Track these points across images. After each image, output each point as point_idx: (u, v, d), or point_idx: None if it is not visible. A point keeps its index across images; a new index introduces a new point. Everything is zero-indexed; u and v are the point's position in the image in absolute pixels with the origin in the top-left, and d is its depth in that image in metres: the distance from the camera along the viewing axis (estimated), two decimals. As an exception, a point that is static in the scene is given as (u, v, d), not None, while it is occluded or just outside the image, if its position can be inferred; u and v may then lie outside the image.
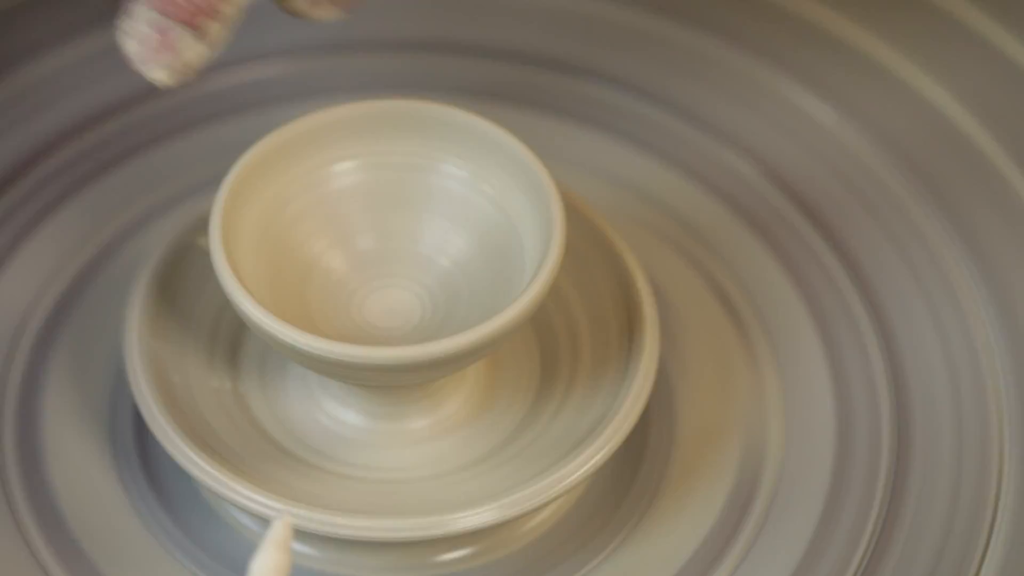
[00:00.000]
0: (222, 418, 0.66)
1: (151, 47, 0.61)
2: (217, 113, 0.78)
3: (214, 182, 0.65)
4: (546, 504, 0.63)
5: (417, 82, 0.78)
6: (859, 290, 0.73)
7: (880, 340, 0.71)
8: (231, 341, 0.68)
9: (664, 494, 0.67)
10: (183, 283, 0.68)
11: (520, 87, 0.79)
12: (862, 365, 0.70)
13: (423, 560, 0.65)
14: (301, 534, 0.62)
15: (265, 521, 0.63)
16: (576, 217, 0.68)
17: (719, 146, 0.77)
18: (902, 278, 0.73)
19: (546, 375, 0.68)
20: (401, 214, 0.67)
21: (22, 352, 0.70)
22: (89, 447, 0.68)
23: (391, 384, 0.64)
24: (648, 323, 0.66)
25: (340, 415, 0.66)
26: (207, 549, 0.65)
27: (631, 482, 0.67)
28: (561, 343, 0.68)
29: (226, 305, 0.67)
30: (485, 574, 0.65)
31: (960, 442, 0.68)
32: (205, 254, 0.68)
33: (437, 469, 0.65)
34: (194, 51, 0.61)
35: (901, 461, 0.68)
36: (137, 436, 0.68)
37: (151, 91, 0.77)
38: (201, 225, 0.68)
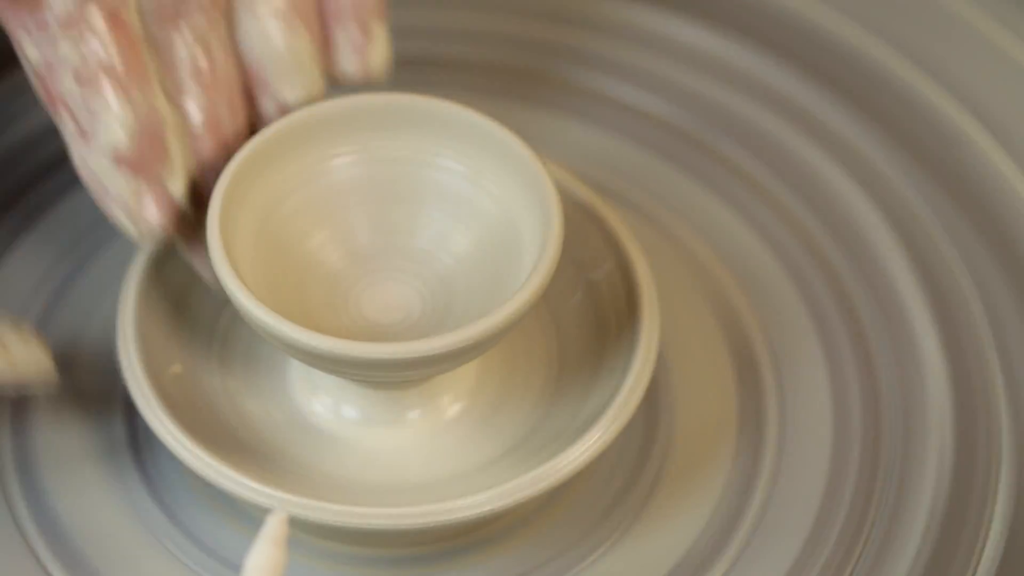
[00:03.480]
0: (217, 416, 0.66)
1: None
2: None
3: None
4: (537, 496, 0.62)
5: (412, 78, 0.79)
6: (857, 288, 0.73)
7: (878, 340, 0.71)
8: (225, 337, 0.68)
9: (660, 493, 0.67)
10: (177, 277, 0.68)
11: (509, 78, 0.80)
12: (860, 364, 0.70)
13: (416, 552, 0.65)
14: (294, 522, 0.62)
15: (262, 515, 0.63)
16: (573, 205, 0.68)
17: (717, 140, 0.77)
18: (900, 276, 0.73)
19: (545, 372, 0.68)
20: (399, 209, 0.67)
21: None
22: (87, 448, 0.68)
23: (388, 380, 0.64)
24: (647, 320, 0.66)
25: (335, 414, 0.66)
26: (202, 545, 0.65)
27: (626, 480, 0.67)
28: (560, 339, 0.68)
29: (221, 301, 0.67)
30: (480, 571, 0.65)
31: (959, 442, 0.68)
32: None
33: (434, 472, 0.65)
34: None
35: (900, 462, 0.68)
36: (131, 434, 0.68)
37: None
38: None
